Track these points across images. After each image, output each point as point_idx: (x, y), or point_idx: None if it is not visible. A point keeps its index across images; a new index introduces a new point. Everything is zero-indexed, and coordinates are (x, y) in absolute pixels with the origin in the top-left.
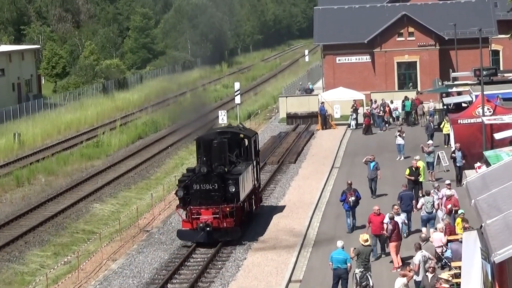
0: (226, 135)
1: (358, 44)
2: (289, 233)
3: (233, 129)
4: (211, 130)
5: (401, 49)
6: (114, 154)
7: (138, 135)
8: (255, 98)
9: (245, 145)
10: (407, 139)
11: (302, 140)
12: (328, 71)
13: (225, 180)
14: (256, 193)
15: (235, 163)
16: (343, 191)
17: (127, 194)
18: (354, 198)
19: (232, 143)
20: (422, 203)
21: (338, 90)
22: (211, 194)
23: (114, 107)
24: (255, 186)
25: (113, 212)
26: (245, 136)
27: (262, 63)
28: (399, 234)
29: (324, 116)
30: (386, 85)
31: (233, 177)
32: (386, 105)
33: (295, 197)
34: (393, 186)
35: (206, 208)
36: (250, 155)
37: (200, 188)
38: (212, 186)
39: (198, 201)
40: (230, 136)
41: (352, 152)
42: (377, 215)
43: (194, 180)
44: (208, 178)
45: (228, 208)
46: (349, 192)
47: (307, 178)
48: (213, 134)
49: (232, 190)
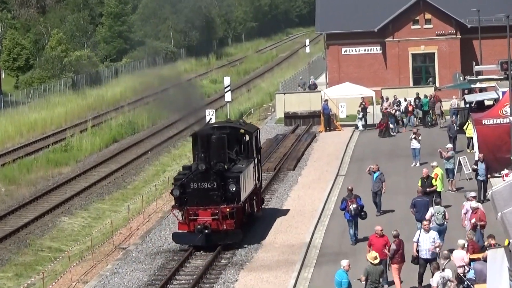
0: (225, 130)
1: (367, 33)
2: (287, 251)
3: (233, 124)
4: (208, 125)
5: (417, 39)
6: (85, 159)
7: (113, 138)
8: (248, 95)
9: (246, 141)
10: (424, 143)
11: (303, 144)
12: (332, 64)
13: (224, 178)
14: (257, 194)
15: (235, 161)
16: (343, 199)
17: (100, 206)
18: (356, 205)
19: (232, 139)
20: (432, 213)
21: (344, 86)
22: (209, 193)
23: (85, 106)
24: (257, 186)
25: (83, 226)
26: (245, 131)
27: (256, 54)
28: (403, 255)
29: (327, 116)
30: (399, 80)
31: (234, 175)
32: (409, 103)
33: (294, 209)
34: (407, 197)
35: (204, 209)
36: (251, 152)
37: (197, 187)
38: (210, 184)
39: (195, 201)
40: (230, 131)
41: (360, 157)
42: (379, 237)
43: (191, 178)
44: (206, 176)
45: (228, 209)
46: (350, 199)
47: (308, 187)
48: (211, 129)
49: (233, 189)
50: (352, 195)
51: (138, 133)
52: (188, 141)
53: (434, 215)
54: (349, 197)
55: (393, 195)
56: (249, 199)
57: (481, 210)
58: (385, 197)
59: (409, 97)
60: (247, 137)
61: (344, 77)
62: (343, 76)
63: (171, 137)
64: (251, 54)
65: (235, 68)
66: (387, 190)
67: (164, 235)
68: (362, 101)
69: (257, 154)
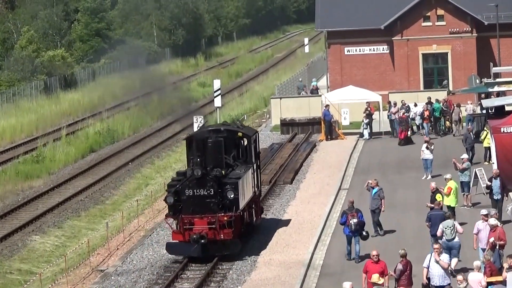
0: (222, 133)
1: (372, 31)
2: (284, 273)
3: (230, 127)
4: (203, 128)
5: (428, 37)
6: (59, 171)
7: (90, 147)
8: (240, 100)
9: (244, 146)
10: (436, 153)
11: (301, 154)
12: (334, 65)
13: (222, 184)
14: (256, 202)
15: (232, 166)
16: (343, 212)
17: (75, 223)
18: (356, 220)
19: (229, 143)
20: (442, 228)
21: (347, 89)
22: (206, 200)
23: (59, 112)
24: (256, 193)
25: (57, 246)
26: (243, 134)
27: (249, 54)
28: (410, 278)
29: (329, 123)
30: (408, 83)
31: (232, 181)
32: (425, 108)
33: (292, 227)
34: (417, 213)
35: (200, 217)
36: (249, 157)
37: (193, 194)
38: (207, 191)
39: (191, 208)
40: (226, 134)
41: (366, 169)
42: (375, 263)
43: (186, 184)
44: (202, 182)
45: (225, 217)
46: (350, 213)
47: (307, 203)
48: (207, 132)
49: (231, 196)
50: (354, 209)
51: (118, 142)
52: (173, 151)
53: (443, 230)
54: (350, 211)
55: (402, 212)
56: (248, 207)
57: (500, 228)
58: (393, 213)
59: (419, 102)
60: (245, 141)
61: (347, 79)
62: (346, 79)
63: (155, 147)
64: (243, 54)
65: (225, 70)
66: (396, 206)
67: (147, 256)
68: (368, 106)
69: (256, 159)
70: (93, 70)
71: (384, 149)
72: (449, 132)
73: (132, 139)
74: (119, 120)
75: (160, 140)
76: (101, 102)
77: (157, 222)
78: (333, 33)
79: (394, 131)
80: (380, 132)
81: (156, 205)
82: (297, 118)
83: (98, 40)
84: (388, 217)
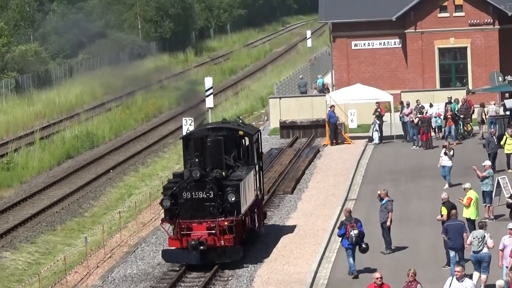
0: (222, 132)
1: (382, 23)
2: None
3: (230, 125)
4: (201, 126)
5: (445, 30)
6: (32, 180)
7: (67, 153)
8: (235, 100)
9: (245, 145)
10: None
11: (303, 161)
12: (339, 61)
13: (222, 187)
14: (259, 207)
15: (233, 167)
16: (342, 223)
17: (50, 238)
18: (357, 231)
19: (229, 143)
20: (471, 239)
21: (355, 88)
22: (205, 204)
23: (32, 113)
24: (258, 197)
25: (30, 264)
26: (245, 133)
27: (244, 49)
28: None
29: (334, 125)
30: (423, 81)
31: (233, 183)
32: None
33: (292, 242)
34: (432, 227)
35: (199, 222)
36: (251, 157)
37: (191, 197)
38: (206, 194)
39: (188, 213)
40: (226, 133)
41: (375, 177)
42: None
43: (184, 187)
44: (201, 184)
45: (226, 222)
46: (349, 223)
47: (309, 215)
48: (206, 131)
49: (232, 199)
50: (352, 219)
51: (98, 147)
52: (160, 157)
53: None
54: (349, 221)
55: (416, 225)
56: (250, 212)
57: None
58: (406, 227)
59: (435, 102)
60: (247, 140)
61: (355, 77)
62: (353, 76)
63: (139, 152)
64: (238, 49)
65: (218, 66)
66: (409, 219)
67: (130, 274)
68: (377, 107)
69: (258, 160)
70: (70, 67)
71: (396, 155)
72: (468, 136)
73: (114, 144)
74: (99, 123)
75: (145, 145)
76: (79, 102)
77: (141, 236)
78: (338, 25)
79: (407, 134)
80: (391, 136)
81: (141, 218)
82: (298, 120)
83: (75, 32)
84: (400, 232)
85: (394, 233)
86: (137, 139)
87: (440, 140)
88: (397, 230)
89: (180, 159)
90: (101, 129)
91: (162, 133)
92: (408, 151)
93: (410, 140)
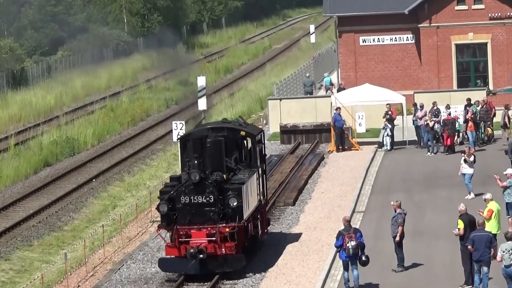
0: (222, 132)
1: (394, 16)
2: None
3: (231, 125)
4: (200, 126)
5: (463, 24)
6: (6, 190)
7: (44, 160)
8: (230, 102)
9: (247, 147)
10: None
11: (306, 169)
12: (346, 59)
13: (223, 190)
14: (262, 213)
15: (234, 170)
16: (339, 233)
17: (26, 254)
18: (354, 243)
19: (230, 144)
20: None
21: (363, 88)
22: (204, 209)
23: (6, 116)
24: (261, 202)
25: (4, 283)
26: (247, 134)
27: (241, 45)
28: None
29: (340, 130)
30: (438, 81)
31: (234, 187)
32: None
33: (294, 259)
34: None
35: (198, 229)
36: (254, 160)
37: (190, 202)
38: (206, 198)
39: (187, 218)
40: (227, 133)
41: (386, 187)
42: None
43: (182, 190)
44: (200, 188)
45: (227, 229)
46: (347, 234)
47: (313, 229)
48: (205, 131)
49: (233, 204)
50: (351, 229)
51: (79, 153)
52: (148, 165)
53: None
54: (347, 231)
55: (431, 240)
56: (253, 218)
57: None
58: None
59: (452, 104)
60: (249, 141)
61: (363, 76)
62: (361, 76)
63: (125, 160)
64: (234, 45)
65: (212, 64)
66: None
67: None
68: (388, 109)
69: (261, 162)
70: (48, 65)
71: (409, 162)
72: (489, 141)
73: (97, 150)
74: (80, 127)
75: (131, 152)
76: (58, 104)
77: (127, 252)
78: (345, 18)
79: (420, 140)
80: (403, 141)
81: (127, 232)
82: (300, 124)
83: (54, 27)
84: (413, 247)
85: (406, 248)
86: (123, 145)
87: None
88: (410, 245)
89: (170, 167)
90: (83, 134)
91: (150, 139)
92: (422, 158)
93: (424, 146)
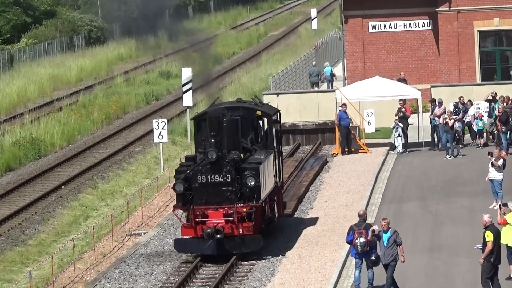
0: (238, 111)
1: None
2: None
3: (247, 104)
4: (215, 105)
5: (487, 8)
6: None
7: (6, 164)
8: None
9: (263, 127)
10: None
11: (307, 174)
12: (353, 48)
13: (241, 170)
14: (278, 195)
15: (250, 151)
16: (350, 227)
17: None
18: (364, 240)
19: (246, 124)
20: None
21: (372, 82)
22: (222, 189)
23: None
24: (278, 184)
25: None
26: (263, 113)
27: (232, 32)
28: None
29: (346, 129)
30: (459, 73)
31: (252, 166)
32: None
33: (293, 278)
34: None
35: (215, 209)
36: (270, 140)
37: (206, 181)
38: (223, 178)
39: (204, 198)
40: (243, 113)
41: (398, 195)
42: None
43: (199, 170)
44: (217, 167)
45: (245, 209)
46: (358, 229)
47: (315, 244)
48: (222, 109)
49: (251, 183)
50: (363, 224)
51: (45, 156)
52: (125, 169)
53: None
54: (358, 227)
55: (449, 256)
56: (269, 200)
57: None
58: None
59: (474, 99)
60: (265, 122)
61: (372, 68)
62: (370, 67)
63: (98, 164)
64: (224, 32)
65: None
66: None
67: None
68: (401, 106)
69: (277, 144)
70: (10, 54)
71: (425, 166)
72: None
73: (66, 153)
74: (47, 126)
75: (105, 155)
76: (22, 99)
77: (101, 270)
78: (352, 1)
79: (439, 141)
80: (419, 142)
81: (100, 247)
82: (300, 122)
83: (18, 11)
84: (430, 265)
85: (422, 266)
86: (96, 146)
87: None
88: (426, 262)
89: (150, 172)
90: (50, 134)
91: (127, 139)
92: (440, 161)
93: (443, 148)
